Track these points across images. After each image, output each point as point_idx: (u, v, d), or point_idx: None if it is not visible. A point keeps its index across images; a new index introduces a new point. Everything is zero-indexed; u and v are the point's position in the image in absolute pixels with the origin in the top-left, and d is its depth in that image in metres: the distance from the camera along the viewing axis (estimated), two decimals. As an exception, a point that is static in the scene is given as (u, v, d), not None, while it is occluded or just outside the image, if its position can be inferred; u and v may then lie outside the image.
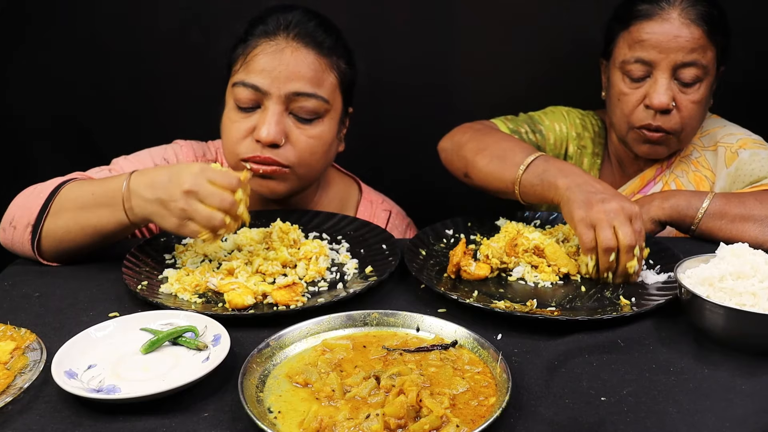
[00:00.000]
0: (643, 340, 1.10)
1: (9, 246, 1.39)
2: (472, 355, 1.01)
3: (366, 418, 0.85)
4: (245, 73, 1.48)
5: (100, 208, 1.29)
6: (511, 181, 1.45)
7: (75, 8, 2.07)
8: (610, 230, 1.23)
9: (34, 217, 1.34)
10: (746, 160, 1.61)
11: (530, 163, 1.43)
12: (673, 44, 1.55)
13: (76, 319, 1.16)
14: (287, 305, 1.18)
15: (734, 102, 1.88)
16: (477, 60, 2.15)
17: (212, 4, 2.08)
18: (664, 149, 1.68)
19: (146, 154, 1.62)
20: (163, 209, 1.22)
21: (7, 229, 1.38)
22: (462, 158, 1.61)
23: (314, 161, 1.53)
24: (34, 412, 0.92)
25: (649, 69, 1.60)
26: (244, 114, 1.49)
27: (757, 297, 1.06)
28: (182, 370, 1.00)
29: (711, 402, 0.94)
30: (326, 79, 1.50)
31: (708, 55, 1.58)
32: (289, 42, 1.47)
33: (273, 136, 1.45)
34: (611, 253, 1.23)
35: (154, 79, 2.14)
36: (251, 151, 1.47)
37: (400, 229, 1.76)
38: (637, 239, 1.23)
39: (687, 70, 1.57)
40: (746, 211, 1.46)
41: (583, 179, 1.33)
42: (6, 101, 2.17)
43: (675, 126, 1.62)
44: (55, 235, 1.34)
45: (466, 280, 1.31)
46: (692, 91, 1.60)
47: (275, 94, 1.46)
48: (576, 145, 1.83)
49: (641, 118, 1.63)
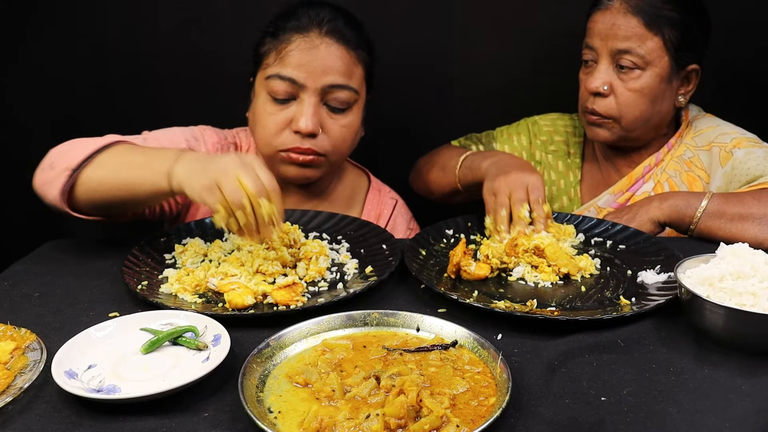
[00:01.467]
0: (643, 340, 1.10)
1: (40, 187, 1.40)
2: (472, 355, 1.01)
3: (366, 418, 0.85)
4: (280, 67, 1.55)
5: (142, 168, 1.32)
6: (453, 180, 1.74)
7: (75, 8, 2.07)
8: (505, 197, 1.45)
9: (75, 163, 1.36)
10: (741, 159, 1.61)
11: (462, 161, 1.71)
12: (611, 32, 1.65)
13: (76, 319, 1.16)
14: (287, 305, 1.18)
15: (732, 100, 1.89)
16: (477, 60, 2.15)
17: (212, 4, 2.08)
18: (604, 133, 1.74)
19: (176, 128, 1.67)
20: (202, 171, 1.22)
21: (45, 170, 1.40)
22: (420, 179, 1.91)
23: (345, 148, 1.65)
24: (34, 412, 0.92)
25: (595, 55, 1.70)
26: (280, 106, 1.57)
27: (757, 297, 1.06)
28: (182, 370, 1.00)
29: (711, 402, 0.94)
30: (355, 72, 1.60)
31: (647, 44, 1.63)
32: (322, 38, 1.55)
33: (312, 126, 1.53)
34: (500, 213, 1.44)
35: (154, 79, 2.14)
36: (291, 143, 1.56)
37: (406, 218, 1.85)
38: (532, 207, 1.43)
39: (623, 57, 1.65)
40: (745, 210, 1.46)
41: (500, 158, 1.58)
42: (6, 101, 2.17)
43: (610, 111, 1.69)
44: (90, 184, 1.36)
45: (466, 280, 1.31)
46: (630, 79, 1.66)
47: (311, 86, 1.54)
48: (543, 152, 1.91)
49: (584, 101, 1.75)
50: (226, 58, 2.05)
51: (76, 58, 2.11)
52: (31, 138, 2.18)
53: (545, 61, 2.11)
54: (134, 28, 2.09)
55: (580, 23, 1.76)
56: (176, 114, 1.80)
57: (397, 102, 2.14)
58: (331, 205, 1.76)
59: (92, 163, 1.37)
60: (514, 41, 2.12)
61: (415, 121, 2.15)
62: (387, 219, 1.80)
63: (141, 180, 1.32)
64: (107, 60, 2.12)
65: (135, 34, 2.09)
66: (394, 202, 1.84)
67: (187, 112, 1.86)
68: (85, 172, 1.36)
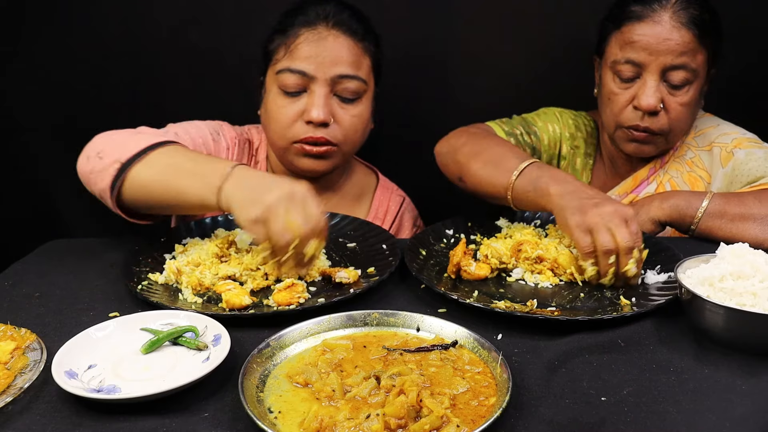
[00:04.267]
0: (643, 340, 1.10)
1: (85, 175, 1.38)
2: (473, 355, 1.01)
3: (366, 418, 0.85)
4: (290, 60, 1.58)
5: (192, 177, 1.28)
6: (504, 187, 1.45)
7: (74, 8, 2.07)
8: (608, 233, 1.22)
9: (126, 157, 1.33)
10: (742, 160, 1.61)
11: (523, 170, 1.43)
12: (662, 47, 1.56)
13: (76, 319, 1.16)
14: (287, 305, 1.18)
15: (733, 101, 1.88)
16: (477, 59, 2.15)
17: (212, 4, 2.08)
18: (651, 148, 1.69)
19: (199, 122, 1.68)
20: (252, 202, 1.18)
21: (92, 158, 1.37)
22: (456, 162, 1.62)
23: (357, 138, 1.67)
24: (35, 412, 0.92)
25: (639, 70, 1.60)
26: (291, 98, 1.59)
27: (758, 297, 1.06)
28: (182, 370, 1.00)
29: (711, 402, 0.94)
30: (363, 62, 1.63)
31: (698, 58, 1.58)
32: (329, 30, 1.58)
33: (323, 116, 1.56)
34: (610, 256, 1.22)
35: (154, 79, 2.14)
36: (304, 133, 1.58)
37: (412, 215, 1.89)
38: (635, 241, 1.23)
39: (676, 72, 1.58)
40: (746, 210, 1.46)
41: (575, 186, 1.33)
42: (6, 101, 2.17)
43: (663, 127, 1.63)
44: (139, 183, 1.33)
45: (466, 280, 1.31)
46: (681, 94, 1.60)
47: (321, 77, 1.57)
48: (569, 146, 1.85)
49: (630, 119, 1.64)
50: (227, 57, 2.05)
51: (76, 58, 2.11)
52: (31, 138, 2.18)
53: (548, 58, 2.10)
54: (134, 29, 2.09)
55: (583, 20, 1.74)
56: (176, 114, 1.80)
57: (399, 100, 2.14)
58: (340, 200, 1.78)
59: (143, 161, 1.33)
60: (516, 38, 2.12)
61: (417, 120, 2.15)
62: (394, 216, 1.82)
63: (190, 189, 1.28)
64: (107, 60, 2.12)
65: (134, 34, 2.09)
66: (402, 199, 1.87)
67: (187, 111, 1.86)
68: (134, 168, 1.32)
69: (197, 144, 1.61)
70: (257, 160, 1.77)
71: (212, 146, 1.65)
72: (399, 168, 1.99)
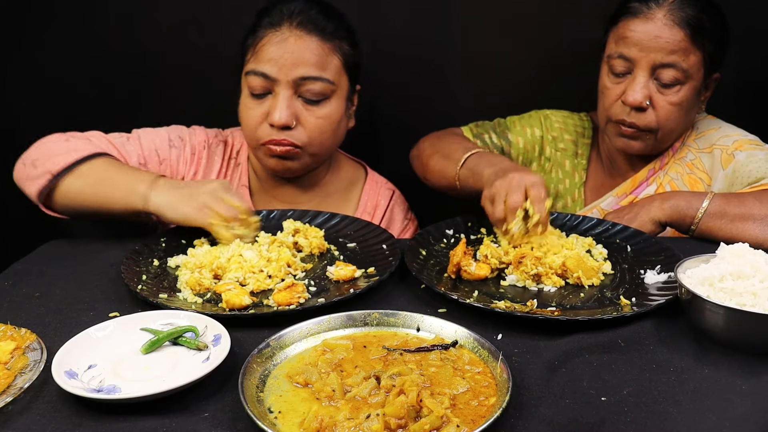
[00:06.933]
0: (643, 340, 1.10)
1: (19, 180, 1.52)
2: (473, 355, 1.01)
3: (366, 418, 0.85)
4: (255, 63, 1.59)
5: (118, 188, 1.44)
6: (453, 177, 1.62)
7: (75, 8, 2.07)
8: (501, 203, 1.36)
9: (57, 170, 1.46)
10: (743, 162, 1.61)
11: (465, 160, 1.59)
12: (653, 44, 1.57)
13: (76, 319, 1.16)
14: (287, 305, 1.18)
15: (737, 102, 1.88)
16: (477, 59, 2.15)
17: (212, 4, 2.08)
18: (639, 144, 1.69)
19: (163, 129, 1.73)
20: (188, 197, 1.40)
21: (27, 166, 1.50)
22: (420, 163, 1.79)
23: (324, 139, 1.64)
24: (35, 412, 0.92)
25: (630, 66, 1.62)
26: (258, 100, 1.61)
27: (758, 297, 1.06)
28: (182, 370, 1.00)
29: (711, 402, 0.94)
30: (330, 62, 1.60)
31: (690, 59, 1.58)
32: (292, 31, 1.57)
33: (285, 119, 1.56)
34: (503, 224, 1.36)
35: (154, 79, 2.14)
36: (268, 135, 1.60)
37: (402, 209, 1.87)
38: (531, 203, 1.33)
39: (666, 71, 1.59)
40: (746, 210, 1.46)
41: (504, 166, 1.46)
42: (6, 101, 2.17)
43: (649, 124, 1.64)
44: (68, 193, 1.47)
45: (467, 280, 1.31)
46: (670, 93, 1.61)
47: (283, 80, 1.56)
48: (553, 148, 1.87)
49: (618, 113, 1.67)
50: (226, 57, 2.04)
51: (76, 58, 2.11)
52: (31, 138, 2.17)
53: (547, 58, 2.11)
54: (134, 28, 2.09)
55: (583, 20, 1.75)
56: (176, 113, 1.80)
57: (396, 98, 2.15)
58: (326, 197, 1.78)
59: (73, 173, 1.46)
60: (514, 38, 2.12)
61: (415, 117, 2.15)
62: (384, 210, 1.81)
63: (116, 198, 1.44)
64: (107, 60, 2.12)
65: (135, 34, 2.09)
66: (391, 192, 1.85)
67: (186, 111, 1.86)
68: (65, 180, 1.46)
69: (148, 151, 1.64)
70: (238, 162, 1.77)
71: (167, 154, 1.66)
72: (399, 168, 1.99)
